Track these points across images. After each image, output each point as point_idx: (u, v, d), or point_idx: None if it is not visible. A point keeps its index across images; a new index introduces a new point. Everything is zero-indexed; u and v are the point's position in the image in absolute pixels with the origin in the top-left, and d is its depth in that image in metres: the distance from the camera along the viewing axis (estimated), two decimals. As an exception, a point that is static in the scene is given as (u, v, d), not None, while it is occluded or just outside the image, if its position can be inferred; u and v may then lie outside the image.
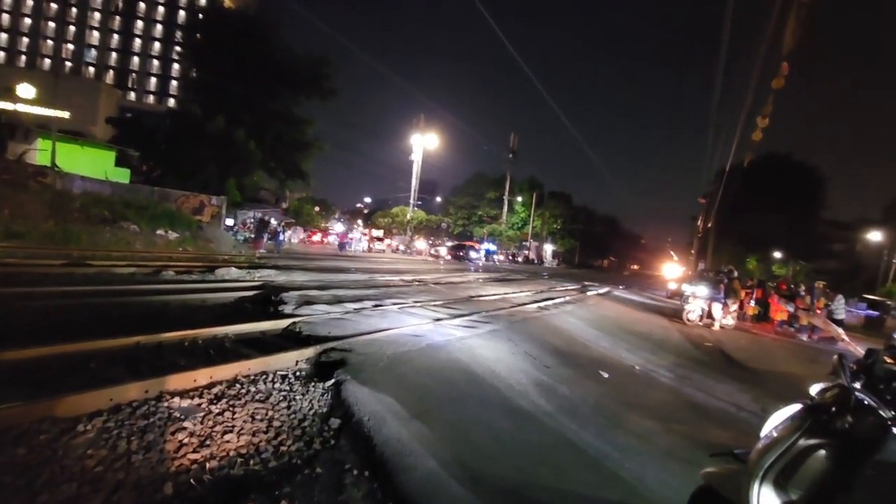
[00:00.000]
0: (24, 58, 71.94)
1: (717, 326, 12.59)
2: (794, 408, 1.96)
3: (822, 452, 1.68)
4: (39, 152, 23.26)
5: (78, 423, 2.78)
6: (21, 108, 32.22)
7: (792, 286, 16.80)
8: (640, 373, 6.49)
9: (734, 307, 13.60)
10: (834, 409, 1.72)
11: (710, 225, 30.95)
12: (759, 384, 6.84)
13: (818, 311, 13.55)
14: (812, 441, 1.71)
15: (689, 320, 12.83)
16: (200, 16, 39.22)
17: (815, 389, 2.01)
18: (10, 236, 11.93)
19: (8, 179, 15.89)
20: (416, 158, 45.43)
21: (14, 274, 7.62)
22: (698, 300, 13.06)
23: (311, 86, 31.66)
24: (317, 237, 38.74)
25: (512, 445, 3.42)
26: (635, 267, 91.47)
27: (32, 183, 16.56)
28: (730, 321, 13.21)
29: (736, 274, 15.01)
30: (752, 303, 15.99)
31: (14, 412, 2.68)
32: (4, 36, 72.23)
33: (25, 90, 33.01)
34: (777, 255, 44.54)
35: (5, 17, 72.22)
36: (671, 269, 33.38)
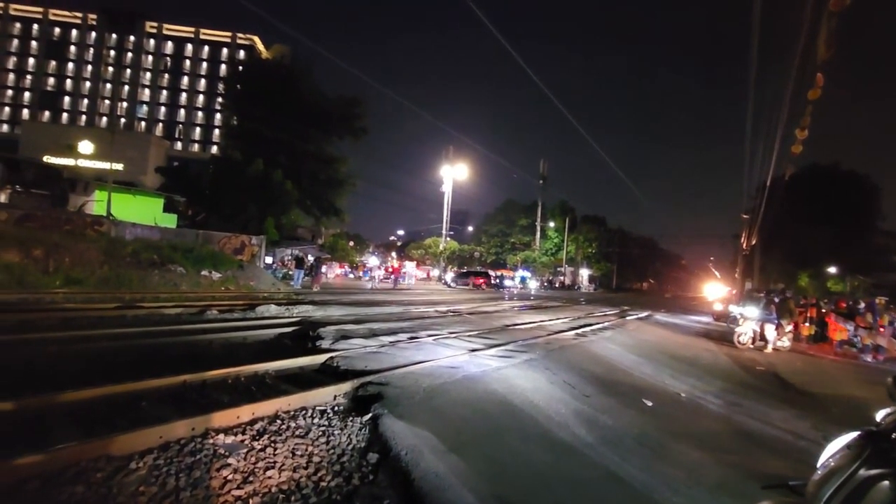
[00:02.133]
0: (84, 117, 78.51)
1: (770, 349, 11.92)
2: (853, 435, 1.85)
3: (886, 483, 1.57)
4: (97, 203, 25.06)
5: (130, 460, 2.91)
6: (81, 163, 34.98)
7: (850, 303, 15.78)
8: (687, 400, 6.20)
9: (789, 328, 12.86)
10: (894, 435, 1.62)
11: (754, 242, 29.73)
12: (818, 410, 6.40)
13: (882, 330, 12.62)
14: (873, 471, 1.60)
15: (739, 343, 12.21)
16: (240, 68, 41.87)
17: (881, 415, 1.89)
18: (71, 282, 12.76)
19: (69, 229, 17.14)
20: (447, 189, 46.07)
21: (73, 318, 8.12)
22: (749, 322, 12.44)
23: (343, 126, 33.08)
24: (339, 271, 36.94)
25: (552, 479, 3.33)
26: (672, 290, 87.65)
27: (90, 231, 17.78)
28: (785, 343, 12.48)
29: (790, 293, 14.25)
30: (808, 322, 15.08)
31: (73, 451, 2.83)
32: (68, 99, 79.23)
33: (85, 147, 35.98)
34: (831, 270, 42.00)
35: (69, 82, 79.44)
36: (715, 290, 32.02)
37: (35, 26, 78.91)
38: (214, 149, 71.77)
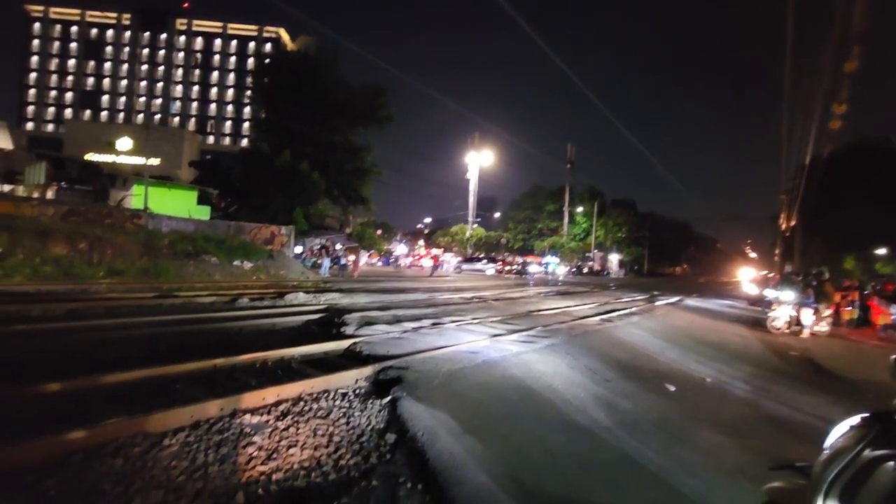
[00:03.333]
0: (121, 115, 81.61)
1: (806, 334, 11.50)
2: (861, 416, 1.82)
3: (891, 464, 1.55)
4: (135, 197, 26.13)
5: (164, 437, 3.11)
6: (120, 159, 36.47)
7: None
8: (712, 385, 6.10)
9: (827, 312, 12.35)
10: None
11: (793, 223, 28.54)
12: (854, 396, 6.18)
13: (929, 313, 11.98)
14: (878, 452, 1.58)
15: (773, 328, 11.83)
16: (266, 61, 42.52)
17: None
18: (113, 273, 13.44)
19: (110, 223, 17.99)
20: (473, 176, 45.92)
21: (115, 307, 8.58)
22: (785, 306, 12.01)
23: (368, 115, 33.25)
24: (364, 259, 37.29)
25: (566, 461, 3.37)
26: (706, 274, 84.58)
27: (129, 224, 18.62)
28: (823, 327, 12.01)
29: (827, 275, 13.63)
30: (850, 307, 14.42)
31: (114, 427, 3.05)
32: (106, 98, 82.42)
33: (124, 143, 37.44)
34: (880, 251, 39.78)
35: (106, 81, 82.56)
36: (749, 274, 30.95)
37: (74, 28, 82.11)
38: (244, 141, 73.53)
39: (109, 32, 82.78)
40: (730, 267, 72.86)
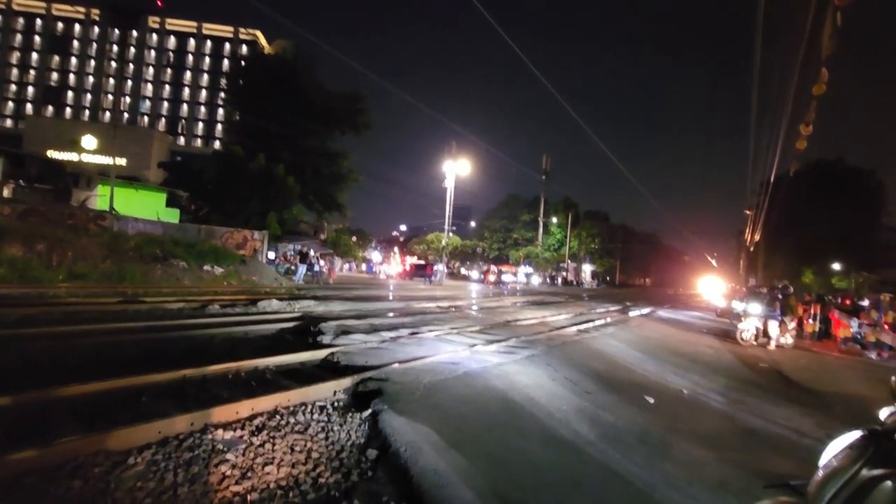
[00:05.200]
0: (87, 112, 78.63)
1: (773, 346, 11.86)
2: (856, 434, 1.82)
3: (889, 484, 1.54)
4: (99, 197, 25.10)
5: (129, 455, 2.89)
6: (84, 158, 35.10)
7: (854, 299, 15.69)
8: (689, 397, 6.17)
9: (792, 325, 12.80)
10: None
11: (757, 238, 29.58)
12: (823, 408, 6.36)
13: (886, 327, 12.54)
14: (876, 471, 1.57)
15: (742, 340, 12.16)
16: (242, 63, 41.75)
17: (884, 413, 1.86)
18: (73, 277, 12.79)
19: (72, 224, 17.17)
20: (449, 185, 45.96)
21: (75, 312, 8.13)
22: (752, 318, 12.38)
23: (346, 121, 32.97)
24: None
25: (552, 476, 3.30)
26: (675, 286, 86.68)
27: (93, 226, 17.80)
28: (788, 340, 12.42)
29: (792, 289, 14.13)
30: (812, 319, 14.99)
31: (72, 446, 2.82)
32: (71, 94, 79.33)
33: (88, 142, 36.03)
34: (835, 266, 41.74)
35: (72, 77, 79.50)
36: (711, 285, 31.88)
37: (38, 21, 78.97)
38: (217, 144, 71.87)
39: (76, 27, 79.93)
40: (697, 279, 74.91)
